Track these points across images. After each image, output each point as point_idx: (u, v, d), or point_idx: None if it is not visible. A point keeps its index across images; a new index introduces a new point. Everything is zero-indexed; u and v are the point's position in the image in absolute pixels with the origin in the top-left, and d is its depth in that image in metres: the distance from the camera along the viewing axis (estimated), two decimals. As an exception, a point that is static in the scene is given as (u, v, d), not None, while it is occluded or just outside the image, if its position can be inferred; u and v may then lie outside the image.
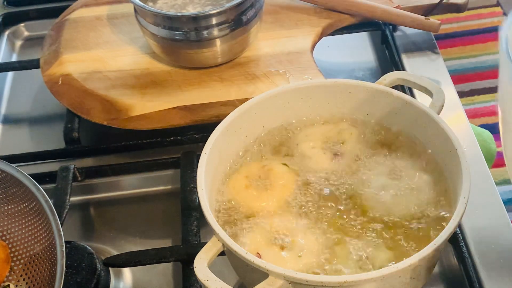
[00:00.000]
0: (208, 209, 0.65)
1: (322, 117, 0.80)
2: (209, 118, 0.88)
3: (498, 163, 2.05)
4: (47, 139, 0.98)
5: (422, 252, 0.60)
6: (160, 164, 0.91)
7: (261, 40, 0.99)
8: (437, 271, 0.77)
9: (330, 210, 0.70)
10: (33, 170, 0.86)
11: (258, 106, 0.76)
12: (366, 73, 1.06)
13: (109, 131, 0.91)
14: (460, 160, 0.67)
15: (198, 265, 0.61)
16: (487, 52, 2.45)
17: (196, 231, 0.80)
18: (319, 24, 1.01)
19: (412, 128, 0.76)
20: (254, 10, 0.92)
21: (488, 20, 2.58)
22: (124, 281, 0.80)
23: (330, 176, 0.74)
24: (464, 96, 2.28)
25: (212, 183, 0.72)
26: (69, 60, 0.97)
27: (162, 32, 0.90)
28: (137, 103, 0.90)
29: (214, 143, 0.72)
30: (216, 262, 0.66)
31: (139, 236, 0.86)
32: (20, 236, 0.75)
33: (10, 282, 0.74)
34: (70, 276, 0.75)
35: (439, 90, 0.76)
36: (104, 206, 0.91)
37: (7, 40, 1.18)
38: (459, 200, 0.63)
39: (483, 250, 0.76)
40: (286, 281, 0.59)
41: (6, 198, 0.75)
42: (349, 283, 0.58)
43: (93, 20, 1.05)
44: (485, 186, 0.83)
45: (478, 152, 0.88)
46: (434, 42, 1.05)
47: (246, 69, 0.94)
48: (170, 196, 0.90)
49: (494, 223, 0.79)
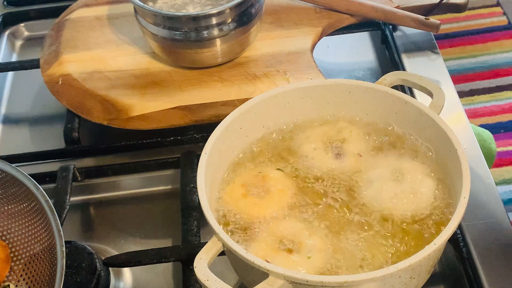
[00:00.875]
0: (208, 209, 0.65)
1: (322, 117, 0.80)
2: (209, 118, 0.88)
3: (498, 163, 2.06)
4: (47, 139, 0.98)
5: (422, 252, 0.60)
6: (160, 164, 0.91)
7: (261, 40, 0.99)
8: (437, 271, 0.77)
9: (331, 210, 0.70)
10: (33, 170, 0.86)
11: (258, 106, 0.76)
12: (366, 73, 1.06)
13: (109, 131, 0.92)
14: (460, 160, 0.67)
15: (198, 265, 0.61)
16: (487, 52, 2.45)
17: (196, 231, 0.80)
18: (319, 24, 1.01)
19: (412, 128, 0.76)
20: (254, 10, 0.92)
21: (488, 20, 2.58)
22: (124, 281, 0.80)
23: (330, 176, 0.74)
24: (464, 96, 2.28)
25: (212, 183, 0.72)
26: (69, 60, 0.97)
27: (162, 32, 0.90)
28: (137, 103, 0.90)
29: (214, 143, 0.72)
30: (216, 262, 0.66)
31: (139, 236, 0.86)
32: (20, 236, 0.75)
33: (10, 282, 0.74)
34: (70, 276, 0.75)
35: (439, 90, 0.76)
36: (104, 206, 0.91)
37: (7, 40, 1.18)
38: (459, 200, 0.63)
39: (483, 250, 0.76)
40: (286, 281, 0.59)
41: (6, 198, 0.75)
42: (349, 283, 0.58)
43: (93, 20, 1.05)
44: (485, 186, 0.83)
45: (478, 152, 0.88)
46: (434, 42, 1.05)
47: (246, 69, 0.94)
48: (170, 196, 0.90)
49: (494, 223, 0.79)
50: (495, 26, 2.56)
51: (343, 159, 0.75)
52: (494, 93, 2.30)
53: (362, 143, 0.77)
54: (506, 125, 2.19)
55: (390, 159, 0.74)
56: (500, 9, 2.63)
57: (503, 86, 2.31)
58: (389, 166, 0.73)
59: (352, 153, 0.76)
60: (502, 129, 2.17)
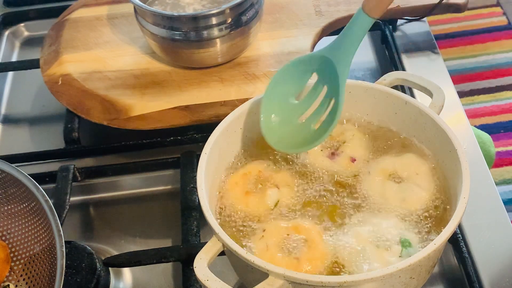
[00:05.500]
0: (208, 209, 0.65)
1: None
2: (209, 118, 0.88)
3: (498, 163, 2.06)
4: (47, 139, 0.98)
5: (422, 252, 0.60)
6: (160, 164, 0.91)
7: (261, 40, 0.99)
8: (437, 271, 0.77)
9: (330, 208, 0.70)
10: (33, 170, 0.86)
11: (258, 106, 0.76)
12: (366, 73, 1.06)
13: (109, 131, 0.91)
14: (460, 160, 0.67)
15: (198, 265, 0.61)
16: (487, 52, 2.45)
17: (196, 231, 0.80)
18: (319, 24, 1.01)
19: (412, 128, 0.76)
20: (254, 10, 0.92)
21: (488, 20, 2.58)
22: (124, 281, 0.80)
23: (329, 176, 0.74)
24: (464, 96, 2.28)
25: (212, 183, 0.72)
26: (69, 60, 0.97)
27: (162, 32, 0.90)
28: (137, 103, 0.90)
29: (214, 143, 0.72)
30: (216, 262, 0.66)
31: (139, 236, 0.86)
32: (20, 236, 0.75)
33: (10, 282, 0.74)
34: (70, 276, 0.75)
35: (439, 90, 0.76)
36: (104, 206, 0.91)
37: (7, 40, 1.18)
38: (459, 200, 0.63)
39: (483, 250, 0.76)
40: (286, 281, 0.59)
41: (6, 198, 0.75)
42: (349, 283, 0.58)
43: (93, 20, 1.05)
44: (485, 186, 0.83)
45: (478, 152, 0.88)
46: (434, 42, 1.05)
47: (246, 69, 0.94)
48: (170, 196, 0.90)
49: (494, 223, 0.79)
50: (495, 26, 2.56)
51: (341, 158, 0.75)
52: (494, 93, 2.30)
53: (362, 143, 0.77)
54: (506, 125, 2.19)
55: (389, 159, 0.74)
56: (500, 9, 2.63)
57: (503, 86, 2.32)
58: (388, 166, 0.73)
59: (350, 153, 0.76)
60: (502, 129, 2.18)
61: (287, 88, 0.75)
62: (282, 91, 0.75)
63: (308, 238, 0.67)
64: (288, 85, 0.75)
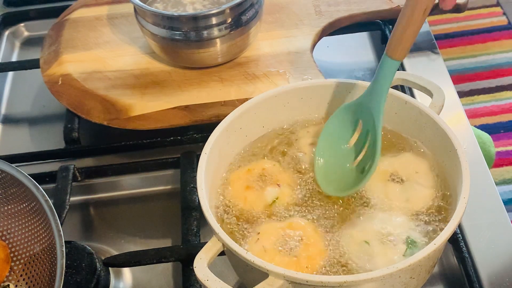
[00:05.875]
0: (208, 209, 0.65)
1: (322, 117, 0.80)
2: (209, 118, 0.88)
3: (498, 163, 2.06)
4: (47, 139, 0.98)
5: (422, 252, 0.60)
6: (160, 164, 0.91)
7: (261, 40, 0.99)
8: (437, 271, 0.77)
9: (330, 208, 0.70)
10: (33, 170, 0.86)
11: (258, 106, 0.76)
12: (366, 73, 1.06)
13: (109, 131, 0.92)
14: (460, 160, 0.67)
15: (198, 265, 0.61)
16: (487, 52, 2.45)
17: (196, 231, 0.80)
18: (319, 24, 1.01)
19: (412, 128, 0.76)
20: (254, 10, 0.92)
21: (488, 20, 2.58)
22: (124, 281, 0.80)
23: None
24: (464, 96, 2.28)
25: (212, 183, 0.72)
26: (69, 60, 0.97)
27: (162, 32, 0.90)
28: (137, 103, 0.90)
29: (214, 143, 0.72)
30: (216, 262, 0.66)
31: (139, 236, 0.86)
32: (20, 236, 0.75)
33: (10, 282, 0.74)
34: (70, 276, 0.75)
35: (439, 90, 0.76)
36: (104, 206, 0.91)
37: (7, 40, 1.18)
38: (459, 200, 0.63)
39: (483, 250, 0.76)
40: (286, 281, 0.59)
41: (6, 198, 0.75)
42: (349, 283, 0.58)
43: (93, 20, 1.05)
44: (485, 186, 0.83)
45: (478, 152, 0.88)
46: (434, 42, 1.05)
47: (246, 69, 0.94)
48: (170, 196, 0.90)
49: (494, 223, 0.79)
50: (495, 26, 2.56)
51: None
52: (494, 93, 2.30)
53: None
54: (506, 125, 2.19)
55: (389, 159, 0.74)
56: (500, 9, 2.63)
57: (503, 86, 2.32)
58: (388, 166, 0.73)
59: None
60: (502, 129, 2.18)
61: (338, 134, 0.76)
62: (334, 137, 0.75)
63: (304, 236, 0.67)
64: (340, 130, 0.75)
